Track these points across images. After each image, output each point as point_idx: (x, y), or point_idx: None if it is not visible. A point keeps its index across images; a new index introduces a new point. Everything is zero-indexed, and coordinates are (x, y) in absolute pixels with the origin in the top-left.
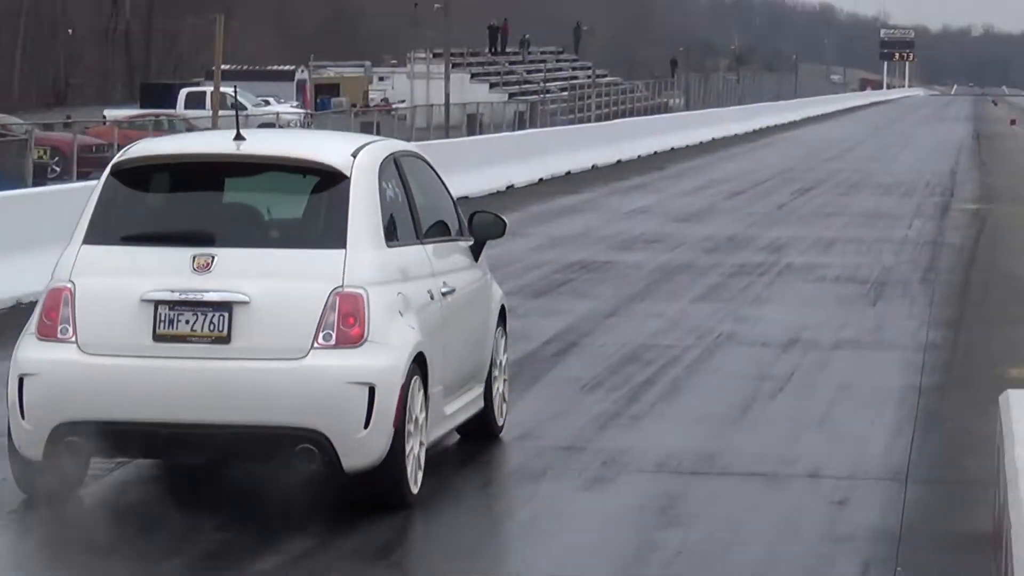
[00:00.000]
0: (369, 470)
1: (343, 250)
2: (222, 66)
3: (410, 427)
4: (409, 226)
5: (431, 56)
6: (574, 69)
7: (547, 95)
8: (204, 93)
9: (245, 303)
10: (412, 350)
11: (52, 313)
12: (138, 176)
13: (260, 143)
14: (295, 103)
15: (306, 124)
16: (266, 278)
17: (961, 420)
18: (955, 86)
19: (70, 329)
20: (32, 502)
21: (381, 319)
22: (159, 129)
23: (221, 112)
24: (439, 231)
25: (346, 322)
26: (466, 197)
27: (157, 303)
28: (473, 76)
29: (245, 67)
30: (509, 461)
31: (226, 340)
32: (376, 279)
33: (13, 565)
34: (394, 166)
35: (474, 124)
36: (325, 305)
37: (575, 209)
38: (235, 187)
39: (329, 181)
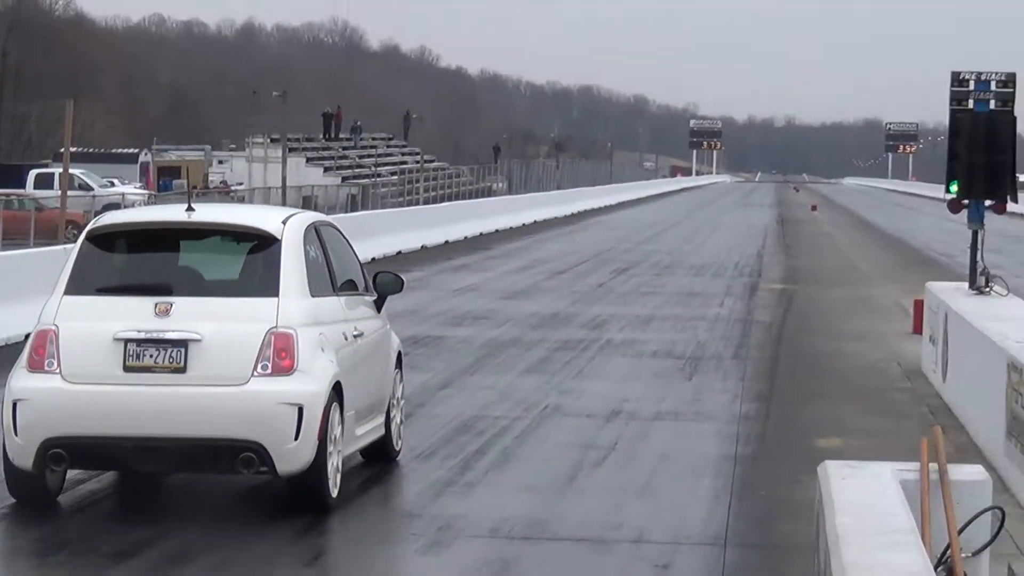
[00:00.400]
0: (298, 475)
1: (276, 298)
2: (71, 148)
3: (330, 442)
4: (327, 281)
5: (268, 141)
6: (404, 155)
7: (378, 179)
8: (53, 174)
9: (198, 340)
10: (332, 379)
11: (40, 350)
12: (108, 240)
13: (207, 213)
14: (139, 184)
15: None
16: (215, 321)
17: (775, 488)
18: (759, 173)
19: (55, 362)
20: (19, 506)
21: (307, 353)
22: (9, 208)
23: (70, 192)
24: (350, 286)
25: (279, 355)
26: None
27: (127, 341)
28: (308, 160)
29: (92, 150)
30: (349, 527)
31: (183, 370)
32: (303, 322)
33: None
34: (315, 232)
35: (309, 206)
36: (263, 342)
37: (407, 287)
38: (188, 248)
39: (264, 244)
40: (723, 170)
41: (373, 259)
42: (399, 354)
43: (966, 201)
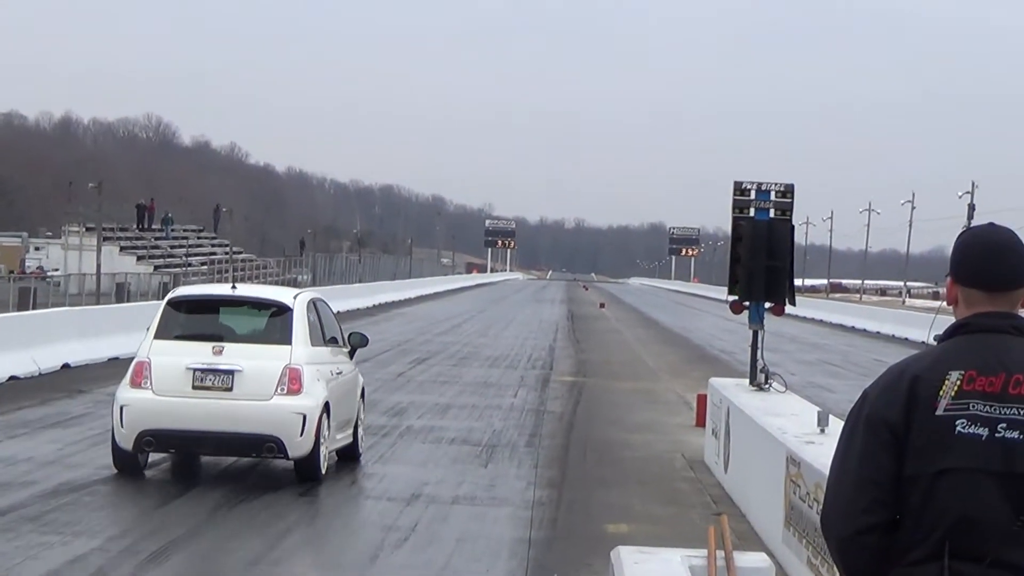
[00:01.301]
0: (301, 458)
1: (289, 346)
2: None
3: (322, 439)
4: (320, 336)
5: (84, 229)
6: (213, 246)
7: (189, 267)
8: None
9: (240, 371)
10: (323, 399)
11: (139, 375)
12: (179, 305)
13: (245, 290)
14: None
15: None
16: (250, 359)
17: (567, 571)
18: (551, 271)
19: (148, 382)
20: (121, 474)
21: (308, 382)
22: None
23: None
24: (333, 341)
25: (291, 382)
26: (117, 358)
27: (195, 369)
28: (122, 249)
29: None
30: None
31: (230, 389)
32: (306, 361)
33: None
34: (312, 304)
35: (123, 292)
36: (281, 373)
37: None
38: (232, 312)
39: (281, 311)
40: (516, 268)
41: None
42: (363, 389)
43: (747, 303)
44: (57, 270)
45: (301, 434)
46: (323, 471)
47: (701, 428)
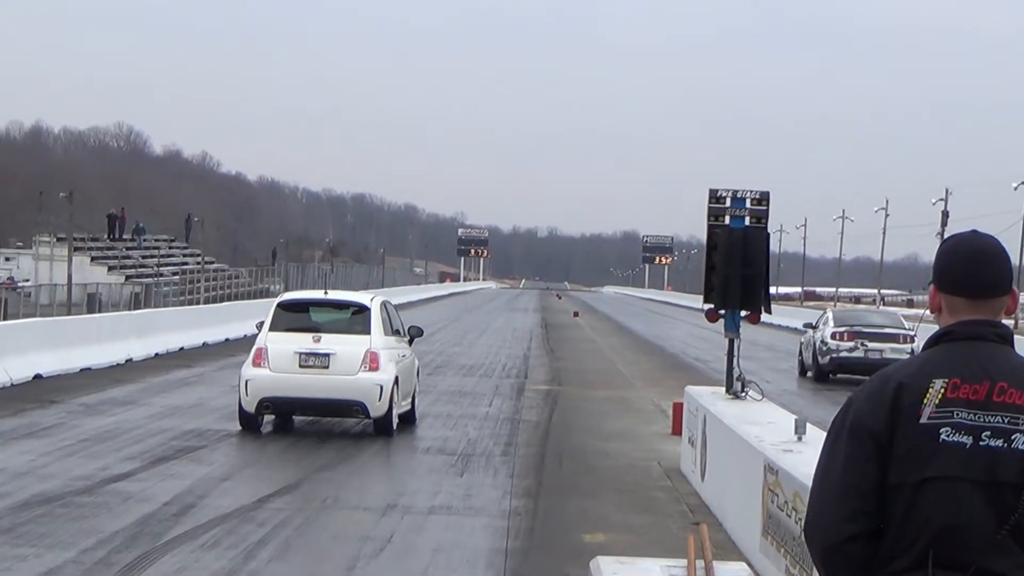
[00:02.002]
0: (379, 419)
1: (369, 335)
2: None
3: (393, 404)
4: (389, 328)
5: (55, 240)
6: (185, 255)
7: (160, 278)
8: None
9: (334, 354)
10: (394, 375)
11: (258, 357)
12: (286, 306)
13: (334, 294)
14: None
15: None
16: (342, 344)
17: None
18: (524, 280)
19: (266, 362)
20: (243, 432)
21: (384, 362)
22: None
23: None
24: (396, 332)
25: (372, 362)
26: (89, 368)
27: (300, 353)
28: (93, 259)
29: None
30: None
31: (327, 368)
32: (382, 346)
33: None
34: (383, 305)
35: (94, 303)
36: (364, 355)
37: (189, 382)
38: (325, 311)
39: (362, 309)
40: (489, 277)
41: (157, 354)
42: (418, 369)
43: (722, 311)
44: (28, 281)
45: (379, 399)
46: (394, 428)
47: (677, 436)
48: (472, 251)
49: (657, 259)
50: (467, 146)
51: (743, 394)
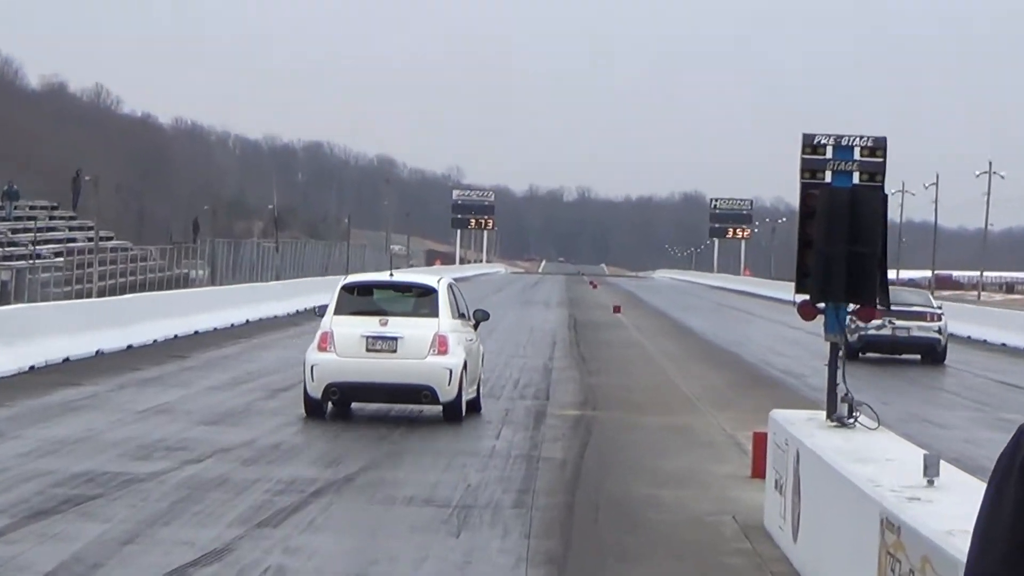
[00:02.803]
0: (449, 403)
1: (437, 318)
2: None
3: (462, 389)
4: (457, 312)
5: None
6: (72, 229)
7: (38, 260)
8: None
9: (402, 337)
10: (463, 359)
11: (324, 341)
12: (351, 289)
13: (400, 276)
14: None
15: None
16: (409, 328)
17: None
18: (544, 262)
19: (332, 347)
20: (310, 417)
21: (453, 345)
22: None
23: None
24: (463, 315)
25: (440, 345)
26: None
27: (367, 337)
28: None
29: None
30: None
31: (395, 352)
32: (450, 330)
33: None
34: (450, 287)
35: None
36: (432, 339)
37: (77, 406)
38: (392, 293)
39: (428, 292)
40: (496, 257)
41: (32, 368)
42: (483, 355)
43: (822, 305)
44: None
45: (449, 383)
46: (463, 412)
47: (760, 480)
48: (472, 221)
49: (730, 231)
50: (465, 82)
51: (851, 421)
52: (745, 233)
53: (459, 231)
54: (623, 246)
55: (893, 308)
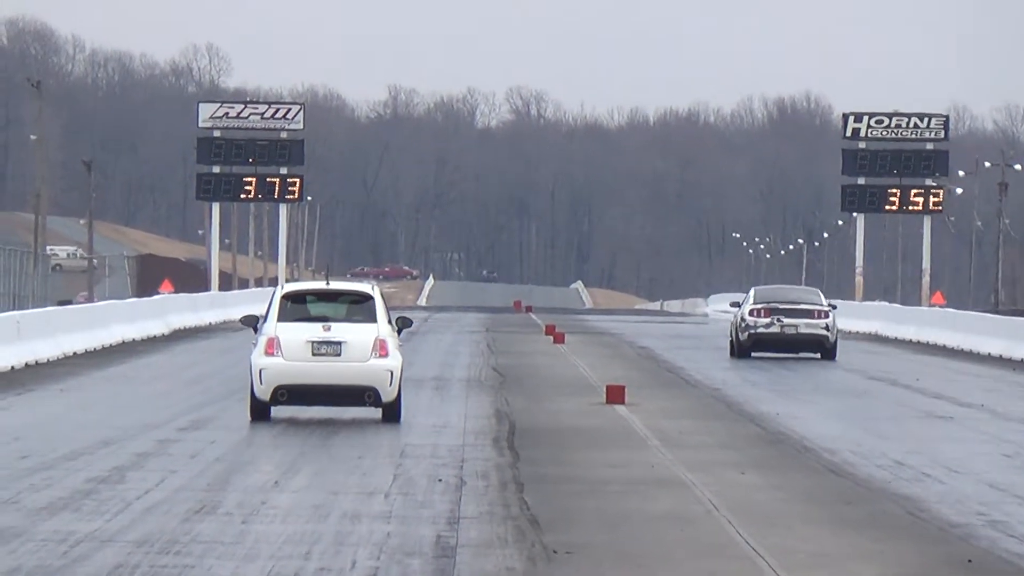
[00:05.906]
0: (389, 403)
1: (376, 324)
2: None
3: (401, 390)
4: (391, 319)
5: None
6: None
7: None
8: None
9: (345, 342)
10: (401, 360)
11: (270, 346)
12: (291, 297)
13: (336, 285)
14: None
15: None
16: (352, 333)
17: None
18: (431, 279)
19: (279, 351)
20: (255, 421)
21: (391, 348)
22: None
23: None
24: (390, 321)
25: (381, 349)
26: None
27: (312, 342)
28: None
29: None
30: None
31: (339, 355)
32: (387, 335)
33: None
34: (380, 294)
35: None
36: (373, 342)
37: None
38: (329, 301)
39: (365, 299)
40: (312, 269)
41: None
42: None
43: None
44: None
45: (390, 384)
46: (401, 417)
47: None
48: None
49: (893, 196)
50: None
51: None
52: (938, 194)
53: (214, 206)
54: (630, 241)
55: (781, 307)
